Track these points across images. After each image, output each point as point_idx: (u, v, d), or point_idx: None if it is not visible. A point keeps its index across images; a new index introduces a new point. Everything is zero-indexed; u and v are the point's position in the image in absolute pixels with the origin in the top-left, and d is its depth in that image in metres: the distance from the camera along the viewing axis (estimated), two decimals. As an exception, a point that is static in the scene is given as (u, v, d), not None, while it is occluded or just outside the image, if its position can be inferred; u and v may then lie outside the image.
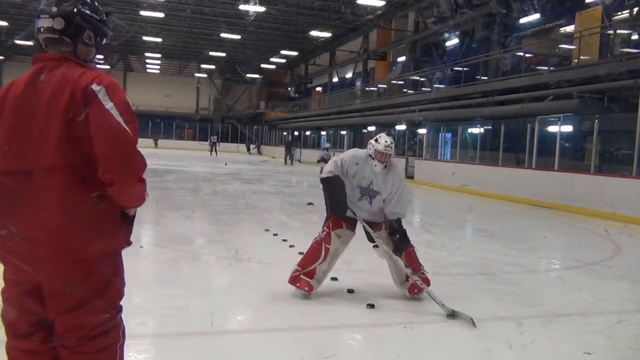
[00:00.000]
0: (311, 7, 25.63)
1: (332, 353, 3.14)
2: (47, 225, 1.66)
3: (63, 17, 1.75)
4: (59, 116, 1.66)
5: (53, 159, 1.65)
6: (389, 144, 4.10)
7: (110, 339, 1.82)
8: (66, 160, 1.66)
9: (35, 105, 1.70)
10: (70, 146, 1.66)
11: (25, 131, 1.69)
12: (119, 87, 1.74)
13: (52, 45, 1.81)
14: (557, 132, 12.92)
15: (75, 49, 1.81)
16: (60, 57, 1.78)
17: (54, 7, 1.75)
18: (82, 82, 1.68)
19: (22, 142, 1.69)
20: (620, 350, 3.49)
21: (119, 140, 1.66)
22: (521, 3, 17.64)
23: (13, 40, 32.48)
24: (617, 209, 10.17)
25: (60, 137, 1.65)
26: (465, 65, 19.74)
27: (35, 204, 1.66)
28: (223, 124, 47.03)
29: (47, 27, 1.76)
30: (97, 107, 1.65)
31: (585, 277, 5.65)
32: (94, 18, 1.86)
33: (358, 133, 29.76)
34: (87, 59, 1.86)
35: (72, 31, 1.78)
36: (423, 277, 4.09)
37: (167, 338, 3.34)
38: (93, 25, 1.86)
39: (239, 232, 7.25)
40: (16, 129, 1.71)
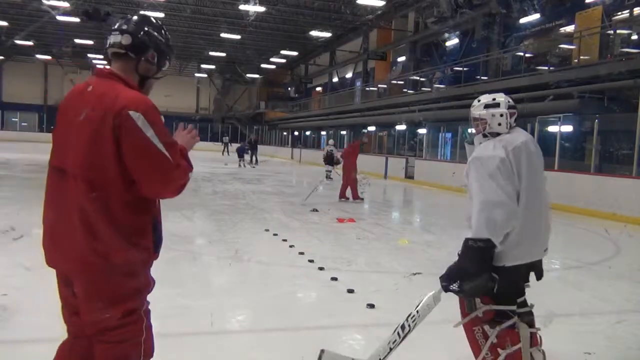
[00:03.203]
0: (311, 7, 25.61)
1: (332, 353, 3.13)
2: (71, 221, 1.79)
3: (131, 34, 1.89)
4: (87, 129, 1.77)
5: (76, 166, 1.79)
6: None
7: (131, 332, 1.87)
8: (84, 173, 1.78)
9: (76, 113, 1.83)
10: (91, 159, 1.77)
11: (67, 133, 1.85)
12: (155, 110, 1.82)
13: (116, 60, 1.92)
14: (557, 132, 12.91)
15: (137, 65, 1.92)
16: (111, 74, 1.89)
17: (125, 25, 1.92)
18: (117, 106, 1.75)
19: (63, 143, 1.87)
20: (620, 350, 3.49)
21: (162, 167, 1.79)
22: (521, 3, 17.64)
23: (13, 40, 32.47)
24: (617, 209, 10.17)
25: (85, 149, 1.77)
26: (465, 65, 19.74)
27: (66, 200, 1.81)
28: (223, 124, 47.01)
29: (115, 42, 1.89)
30: (137, 134, 1.74)
31: (585, 277, 5.65)
32: (159, 40, 1.97)
33: (358, 133, 29.77)
34: (147, 75, 1.96)
35: (137, 48, 1.90)
36: None
37: (167, 338, 3.33)
38: (158, 46, 1.96)
39: (239, 232, 7.25)
40: (62, 130, 1.89)
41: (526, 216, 2.34)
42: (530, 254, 2.40)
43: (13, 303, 3.75)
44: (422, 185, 17.66)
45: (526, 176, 2.35)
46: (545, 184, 2.52)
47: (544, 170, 2.53)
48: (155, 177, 1.80)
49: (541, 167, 2.50)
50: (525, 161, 2.37)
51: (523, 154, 2.38)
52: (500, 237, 2.28)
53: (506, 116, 2.49)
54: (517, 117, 2.57)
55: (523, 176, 2.34)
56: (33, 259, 5.03)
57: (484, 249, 2.24)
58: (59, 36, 33.76)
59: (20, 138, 40.63)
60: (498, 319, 2.36)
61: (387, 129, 25.82)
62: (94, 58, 42.38)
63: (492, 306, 2.36)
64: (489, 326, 2.35)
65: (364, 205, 12.09)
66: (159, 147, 1.76)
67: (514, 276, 2.39)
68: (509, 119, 2.49)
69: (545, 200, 2.49)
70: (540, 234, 2.43)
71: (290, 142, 39.78)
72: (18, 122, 46.85)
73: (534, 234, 2.39)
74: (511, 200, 2.29)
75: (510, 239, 2.33)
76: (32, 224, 7.03)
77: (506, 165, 2.33)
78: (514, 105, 2.56)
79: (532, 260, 2.42)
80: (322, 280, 4.82)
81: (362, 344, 3.44)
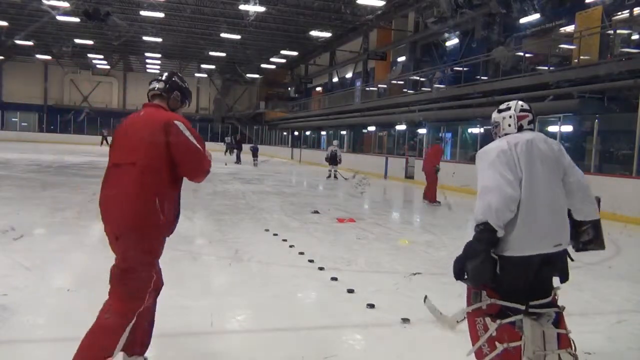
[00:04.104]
0: (311, 7, 25.60)
1: (332, 353, 3.14)
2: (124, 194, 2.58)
3: (164, 82, 2.85)
4: (147, 136, 2.62)
5: (136, 158, 2.58)
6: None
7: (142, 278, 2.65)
8: (142, 160, 2.58)
9: (132, 130, 2.70)
10: (146, 152, 2.59)
11: (129, 142, 2.67)
12: (189, 122, 2.72)
13: (155, 98, 2.85)
14: (557, 132, 12.91)
15: (168, 101, 2.84)
16: (157, 105, 2.81)
17: (160, 76, 2.88)
18: (164, 119, 2.64)
19: (122, 149, 2.70)
20: (620, 350, 3.49)
21: (195, 156, 2.66)
22: (521, 3, 17.63)
23: (13, 40, 32.46)
24: (617, 209, 10.16)
25: (146, 148, 2.60)
26: (465, 65, 19.74)
27: (121, 182, 2.61)
28: (223, 124, 47.02)
29: (154, 87, 2.84)
30: (180, 134, 2.62)
31: (585, 277, 5.65)
32: (181, 87, 2.89)
33: (358, 133, 29.76)
34: (174, 109, 2.86)
35: (167, 91, 2.83)
36: None
37: (167, 338, 3.33)
38: (181, 90, 2.89)
39: (239, 232, 7.25)
40: (120, 142, 2.74)
41: (527, 209, 2.42)
42: (532, 246, 2.43)
43: (13, 303, 3.75)
44: (422, 185, 17.64)
45: (527, 170, 2.45)
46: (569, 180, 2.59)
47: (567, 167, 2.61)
48: (192, 163, 2.67)
49: (553, 164, 2.57)
50: (527, 156, 2.48)
51: (526, 149, 2.49)
52: (499, 221, 2.36)
53: (514, 118, 2.66)
54: (533, 121, 2.69)
55: (524, 170, 2.45)
56: (33, 259, 5.04)
57: (483, 231, 2.38)
58: (59, 36, 33.76)
59: (20, 138, 40.63)
60: (503, 314, 2.41)
61: (387, 129, 25.81)
62: (94, 58, 42.45)
63: (497, 300, 2.42)
64: (490, 319, 2.42)
65: (364, 205, 12.10)
66: (194, 143, 2.64)
67: (519, 269, 2.43)
68: (519, 120, 2.66)
69: (556, 196, 2.53)
70: (545, 227, 2.46)
71: (290, 142, 39.79)
72: (18, 122, 46.85)
73: (537, 227, 2.43)
74: (509, 185, 2.39)
75: (510, 229, 2.40)
76: (32, 224, 7.05)
77: (507, 156, 2.46)
78: (527, 109, 2.71)
79: (533, 252, 2.44)
80: (322, 280, 4.82)
81: (362, 344, 3.44)
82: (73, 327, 3.43)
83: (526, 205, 2.42)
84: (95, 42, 35.60)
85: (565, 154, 2.65)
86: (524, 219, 2.42)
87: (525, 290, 2.50)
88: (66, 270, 4.93)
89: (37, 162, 20.13)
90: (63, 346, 3.19)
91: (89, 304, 3.86)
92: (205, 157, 2.72)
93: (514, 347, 2.38)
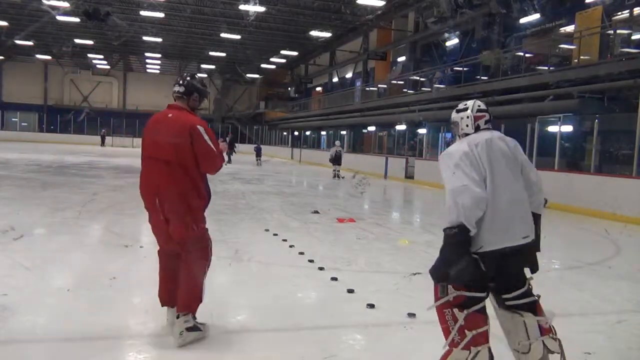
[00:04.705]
0: (311, 7, 25.60)
1: (332, 353, 3.14)
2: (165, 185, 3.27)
3: (184, 86, 3.39)
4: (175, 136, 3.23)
5: (169, 156, 3.23)
6: None
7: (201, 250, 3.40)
8: (175, 158, 3.23)
9: (164, 129, 3.28)
10: (177, 153, 3.22)
11: (159, 138, 3.27)
12: (208, 126, 3.34)
13: (177, 99, 3.39)
14: (557, 132, 12.92)
15: (188, 102, 3.40)
16: (180, 107, 3.37)
17: (181, 80, 3.41)
18: (190, 123, 3.25)
19: (155, 144, 3.29)
20: (620, 350, 3.49)
21: (210, 156, 3.30)
22: (521, 3, 17.63)
23: (13, 40, 32.46)
24: (617, 209, 10.17)
25: (176, 146, 3.22)
26: (465, 65, 19.74)
27: (160, 175, 3.27)
28: (223, 124, 47.01)
29: (176, 90, 3.39)
30: (201, 138, 3.25)
31: (585, 277, 5.65)
32: (199, 88, 3.45)
33: (358, 133, 29.76)
34: (194, 108, 3.43)
35: (187, 93, 3.39)
36: None
37: (167, 338, 3.33)
38: (198, 91, 3.44)
39: (239, 232, 7.24)
40: (153, 137, 3.32)
41: (493, 205, 2.54)
42: (501, 240, 2.54)
43: (13, 303, 3.75)
44: (422, 185, 17.67)
45: (489, 169, 2.57)
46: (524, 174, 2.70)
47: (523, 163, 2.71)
48: (207, 161, 3.30)
49: (512, 160, 2.67)
50: (487, 155, 2.59)
51: (486, 149, 2.61)
52: (472, 220, 2.46)
53: (471, 118, 2.77)
54: (490, 120, 2.79)
55: (487, 168, 2.57)
56: (33, 259, 5.04)
57: (458, 233, 2.44)
58: (59, 36, 33.76)
59: (20, 138, 40.63)
60: (468, 303, 2.52)
61: (387, 129, 25.82)
62: (94, 58, 42.44)
63: (462, 292, 2.52)
64: (458, 310, 2.52)
65: (364, 205, 12.10)
66: (211, 146, 3.28)
67: (489, 263, 2.53)
68: (476, 120, 2.76)
69: (518, 190, 2.64)
70: (511, 221, 2.57)
71: (290, 142, 39.81)
72: (18, 122, 46.86)
73: (503, 221, 2.54)
74: (477, 185, 2.50)
75: (479, 226, 2.50)
76: (32, 224, 7.06)
77: (470, 157, 2.57)
78: (484, 109, 2.80)
79: (503, 246, 2.54)
80: (322, 280, 4.82)
81: (362, 344, 3.44)
82: (73, 327, 3.44)
83: (491, 201, 2.53)
84: (95, 42, 35.59)
85: (520, 151, 2.77)
86: (491, 215, 2.52)
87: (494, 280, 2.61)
88: (66, 270, 4.93)
89: (37, 162, 20.13)
90: (63, 346, 3.20)
91: (89, 304, 3.87)
92: (218, 156, 3.37)
93: (481, 332, 2.51)
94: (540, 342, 2.60)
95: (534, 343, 2.60)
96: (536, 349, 2.60)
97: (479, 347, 2.52)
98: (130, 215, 7.95)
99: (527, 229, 2.64)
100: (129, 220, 7.68)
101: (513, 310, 2.63)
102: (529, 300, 2.65)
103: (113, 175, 15.80)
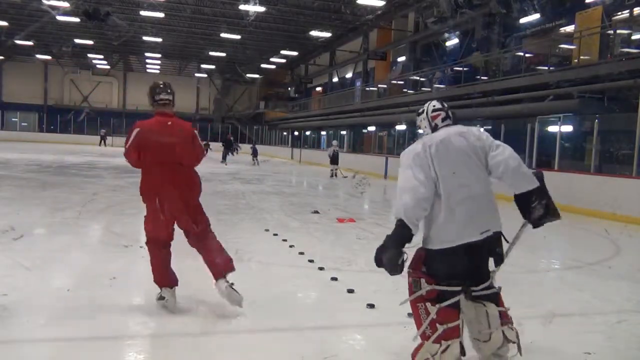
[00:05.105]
0: (311, 7, 25.60)
1: (332, 353, 3.14)
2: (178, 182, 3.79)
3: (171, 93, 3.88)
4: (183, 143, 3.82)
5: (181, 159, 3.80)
6: None
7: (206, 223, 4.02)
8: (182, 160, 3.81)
9: (169, 134, 3.76)
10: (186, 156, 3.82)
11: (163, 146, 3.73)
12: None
13: (165, 106, 3.84)
14: (557, 132, 12.92)
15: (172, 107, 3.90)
16: (170, 115, 3.85)
17: (167, 88, 3.86)
18: (190, 130, 3.92)
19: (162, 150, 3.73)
20: (620, 350, 3.49)
21: (201, 155, 3.98)
22: (521, 3, 17.64)
23: (13, 40, 32.46)
24: (617, 209, 10.16)
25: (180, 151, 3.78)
26: (465, 65, 19.74)
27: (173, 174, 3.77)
28: (223, 124, 47.01)
29: (165, 98, 3.84)
30: (198, 142, 3.91)
31: (585, 277, 5.65)
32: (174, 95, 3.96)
33: (358, 133, 29.76)
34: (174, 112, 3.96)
35: (172, 100, 3.88)
36: None
37: (167, 338, 3.33)
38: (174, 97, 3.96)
39: (239, 232, 7.24)
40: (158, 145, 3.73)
41: (447, 203, 2.66)
42: (458, 237, 2.66)
43: (13, 303, 3.75)
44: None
45: (442, 168, 2.68)
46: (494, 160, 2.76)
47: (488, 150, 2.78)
48: (198, 159, 3.95)
49: (471, 154, 2.77)
50: (441, 155, 2.70)
51: (440, 149, 2.71)
52: (413, 218, 2.62)
53: (427, 119, 2.92)
54: (447, 117, 2.89)
55: (440, 168, 2.68)
56: (33, 259, 5.04)
57: (397, 227, 2.65)
58: (59, 36, 33.77)
59: (20, 138, 40.61)
60: (440, 298, 2.66)
61: (387, 129, 25.81)
62: (94, 58, 42.45)
63: (434, 286, 2.67)
64: (430, 304, 2.66)
65: (364, 205, 12.10)
66: (202, 146, 3.99)
67: (450, 259, 2.68)
68: (433, 120, 2.90)
69: (477, 185, 2.72)
70: (467, 218, 2.66)
71: (290, 142, 39.80)
72: (18, 122, 46.86)
73: (458, 219, 2.65)
74: (422, 186, 2.64)
75: (435, 224, 2.68)
76: (32, 224, 7.05)
77: (421, 158, 2.70)
78: (439, 107, 2.92)
79: (460, 243, 2.65)
80: (322, 280, 4.82)
81: (362, 344, 3.44)
82: (73, 327, 3.44)
83: (446, 200, 2.65)
84: (95, 42, 35.60)
85: (484, 139, 2.80)
86: (445, 214, 2.65)
87: (463, 275, 2.71)
88: (66, 270, 4.93)
89: (37, 162, 20.13)
90: (63, 346, 3.20)
91: (89, 304, 3.87)
92: (202, 153, 4.02)
93: (452, 326, 2.62)
94: (500, 331, 2.73)
95: (494, 332, 2.73)
96: (496, 337, 2.73)
97: (449, 341, 2.62)
98: (130, 215, 7.94)
99: (487, 224, 2.70)
100: (129, 220, 7.67)
101: (477, 301, 2.75)
102: (492, 292, 2.78)
103: (113, 175, 15.79)
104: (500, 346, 2.78)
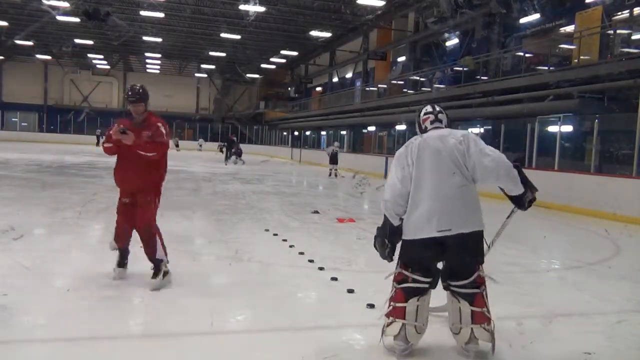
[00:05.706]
0: (311, 7, 25.60)
1: (332, 353, 3.14)
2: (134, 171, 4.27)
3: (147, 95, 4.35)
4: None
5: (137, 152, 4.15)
6: None
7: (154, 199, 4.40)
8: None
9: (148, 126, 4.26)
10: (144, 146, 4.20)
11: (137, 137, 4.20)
12: None
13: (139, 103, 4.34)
14: (557, 132, 12.92)
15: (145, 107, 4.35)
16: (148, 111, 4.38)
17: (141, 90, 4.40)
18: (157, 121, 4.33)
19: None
20: (620, 350, 3.49)
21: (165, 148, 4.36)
22: (521, 3, 17.64)
23: (13, 40, 32.45)
24: (617, 209, 10.16)
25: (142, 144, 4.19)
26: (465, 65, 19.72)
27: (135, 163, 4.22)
28: (223, 124, 47.02)
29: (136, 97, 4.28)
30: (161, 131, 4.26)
31: (585, 277, 5.65)
32: None
33: (358, 133, 29.75)
34: None
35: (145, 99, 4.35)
36: None
37: (166, 338, 3.33)
38: None
39: (239, 232, 7.24)
40: None
41: (413, 199, 2.96)
42: (417, 231, 2.95)
43: (13, 303, 3.75)
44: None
45: (416, 167, 2.97)
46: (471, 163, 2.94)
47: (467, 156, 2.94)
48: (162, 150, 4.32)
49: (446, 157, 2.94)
50: (417, 155, 2.99)
51: (416, 150, 3.00)
52: (392, 212, 3.01)
53: (418, 123, 3.23)
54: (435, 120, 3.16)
55: (415, 167, 2.97)
56: (33, 259, 5.04)
57: (384, 219, 3.08)
58: (59, 36, 33.77)
59: (20, 138, 40.58)
60: (404, 281, 3.02)
61: (387, 129, 25.80)
62: (94, 58, 42.45)
63: (402, 270, 3.04)
64: (396, 284, 3.06)
65: (364, 205, 12.09)
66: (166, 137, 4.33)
67: (414, 250, 2.99)
68: (423, 123, 3.20)
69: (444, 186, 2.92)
70: (427, 215, 2.91)
71: (290, 142, 39.79)
72: (18, 122, 46.85)
73: (419, 214, 2.93)
74: (400, 182, 2.99)
75: (406, 218, 2.99)
76: (32, 224, 7.05)
77: (402, 157, 3.04)
78: (430, 111, 3.22)
79: (419, 237, 2.94)
80: (322, 280, 4.82)
81: (362, 344, 3.44)
82: (73, 327, 3.44)
83: (413, 196, 2.96)
84: (95, 42, 35.61)
85: (465, 144, 2.97)
86: (410, 209, 2.96)
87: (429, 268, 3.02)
88: (66, 270, 4.92)
89: (37, 162, 20.13)
90: (63, 346, 3.20)
91: (89, 304, 3.87)
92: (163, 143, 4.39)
93: (399, 307, 2.99)
94: (469, 329, 2.96)
95: (464, 328, 2.99)
96: (464, 333, 2.99)
97: (394, 318, 3.00)
98: (130, 215, 7.93)
99: (447, 223, 2.89)
100: (129, 220, 7.66)
101: (454, 295, 3.02)
102: (470, 292, 2.97)
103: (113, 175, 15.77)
104: (467, 342, 3.00)
